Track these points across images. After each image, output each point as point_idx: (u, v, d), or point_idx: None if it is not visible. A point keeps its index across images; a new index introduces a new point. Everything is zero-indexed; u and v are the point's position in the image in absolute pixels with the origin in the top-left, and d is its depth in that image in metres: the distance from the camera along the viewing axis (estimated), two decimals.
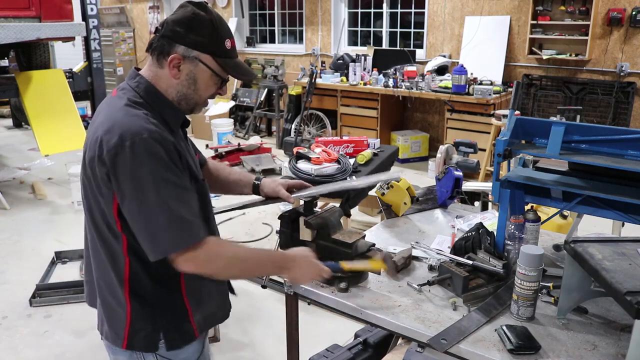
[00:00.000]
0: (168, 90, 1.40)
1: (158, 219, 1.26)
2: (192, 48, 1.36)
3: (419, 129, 7.09)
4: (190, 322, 1.45)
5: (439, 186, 2.38)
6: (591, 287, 1.46)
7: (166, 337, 1.42)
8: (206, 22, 1.36)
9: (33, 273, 3.84)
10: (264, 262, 1.48)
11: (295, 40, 8.46)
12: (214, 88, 1.44)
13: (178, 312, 1.44)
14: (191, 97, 1.42)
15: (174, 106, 1.42)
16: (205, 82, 1.41)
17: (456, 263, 1.68)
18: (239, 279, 1.39)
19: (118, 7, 10.49)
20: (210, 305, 1.53)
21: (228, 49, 1.40)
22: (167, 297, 1.42)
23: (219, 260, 1.37)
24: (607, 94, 5.62)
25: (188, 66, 1.37)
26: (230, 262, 1.39)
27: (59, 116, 5.54)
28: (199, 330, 1.48)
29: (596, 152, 1.62)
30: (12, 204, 5.29)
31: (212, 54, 1.38)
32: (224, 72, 1.42)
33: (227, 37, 1.40)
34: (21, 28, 5.05)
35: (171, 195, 1.27)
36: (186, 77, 1.39)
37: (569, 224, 2.96)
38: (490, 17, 6.27)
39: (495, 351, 1.37)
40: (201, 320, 1.49)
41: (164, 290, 1.41)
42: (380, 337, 2.46)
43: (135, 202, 1.27)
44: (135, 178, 1.26)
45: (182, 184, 1.31)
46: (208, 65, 1.38)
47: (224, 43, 1.39)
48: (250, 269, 1.48)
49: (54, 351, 3.02)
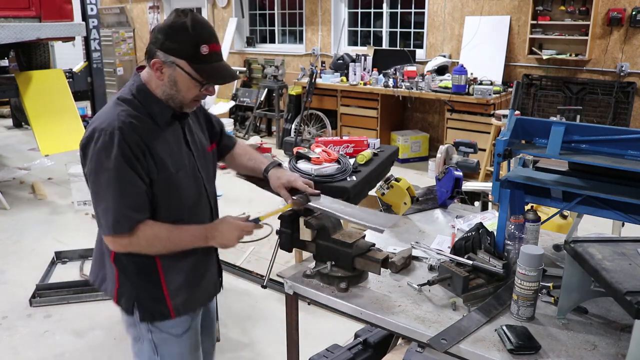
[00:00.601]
0: (157, 90, 1.55)
1: (101, 204, 1.50)
2: (169, 54, 1.49)
3: (419, 129, 7.09)
4: (167, 305, 1.64)
5: (439, 186, 2.37)
6: (591, 287, 1.46)
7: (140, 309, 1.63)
8: (183, 30, 1.47)
9: (33, 273, 3.84)
10: (187, 239, 1.59)
11: (295, 40, 8.46)
12: (195, 90, 1.54)
13: (155, 294, 1.63)
14: (176, 97, 1.55)
15: (162, 103, 1.56)
16: (185, 84, 1.52)
17: (456, 263, 1.68)
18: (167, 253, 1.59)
19: (118, 7, 10.49)
20: (193, 291, 1.69)
21: (204, 54, 1.49)
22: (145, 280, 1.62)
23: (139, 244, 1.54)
24: (607, 94, 5.62)
25: (168, 70, 1.51)
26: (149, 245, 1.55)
27: (59, 116, 5.54)
28: (176, 312, 1.66)
29: (596, 152, 1.62)
30: (12, 204, 5.29)
31: (187, 59, 1.49)
32: (200, 77, 1.51)
33: (204, 43, 1.48)
34: (21, 28, 5.05)
35: (116, 188, 1.47)
36: (168, 80, 1.52)
37: (569, 224, 2.96)
38: (490, 17, 6.27)
39: (495, 351, 1.37)
40: (180, 305, 1.66)
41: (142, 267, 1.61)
42: (380, 337, 2.46)
43: (91, 186, 1.52)
44: (93, 167, 1.49)
45: (129, 179, 1.48)
46: (184, 70, 1.50)
47: (200, 49, 1.48)
48: (172, 246, 1.58)
49: (54, 351, 3.02)
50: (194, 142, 1.69)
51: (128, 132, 1.47)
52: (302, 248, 1.79)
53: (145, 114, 1.53)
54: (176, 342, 1.70)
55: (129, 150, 1.47)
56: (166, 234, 1.56)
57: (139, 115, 1.52)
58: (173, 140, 1.60)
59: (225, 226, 1.62)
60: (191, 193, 1.65)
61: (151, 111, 1.55)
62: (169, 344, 1.69)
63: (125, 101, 1.54)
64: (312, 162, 3.23)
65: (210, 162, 1.80)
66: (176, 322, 1.68)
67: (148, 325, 1.66)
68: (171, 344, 1.69)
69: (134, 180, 1.49)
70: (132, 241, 1.52)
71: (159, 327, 1.67)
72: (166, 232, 1.56)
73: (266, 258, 4.02)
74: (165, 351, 1.69)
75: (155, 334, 1.67)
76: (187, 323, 1.71)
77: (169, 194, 1.58)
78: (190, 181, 1.64)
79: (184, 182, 1.62)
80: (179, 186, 1.60)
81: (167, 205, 1.58)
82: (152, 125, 1.54)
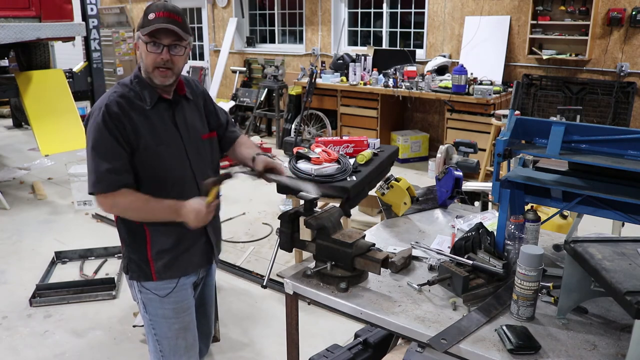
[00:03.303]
0: (142, 70, 1.77)
1: (89, 166, 1.71)
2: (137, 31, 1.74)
3: (419, 129, 7.09)
4: (150, 267, 1.82)
5: (439, 186, 2.38)
6: (591, 287, 1.46)
7: (130, 269, 1.86)
8: (146, 9, 1.72)
9: (33, 273, 3.84)
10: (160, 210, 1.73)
11: (295, 40, 8.46)
12: (152, 54, 1.70)
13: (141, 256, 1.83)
14: (146, 71, 1.74)
15: (148, 85, 1.76)
16: (143, 52, 1.71)
17: (456, 263, 1.68)
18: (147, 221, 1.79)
19: (118, 7, 10.49)
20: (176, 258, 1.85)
21: (150, 19, 1.68)
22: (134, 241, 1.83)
23: (118, 207, 1.75)
24: (607, 94, 5.62)
25: (138, 45, 1.74)
26: (128, 209, 1.75)
27: (59, 116, 5.54)
28: (158, 275, 1.83)
29: (596, 152, 1.62)
30: (12, 204, 5.29)
31: (140, 28, 1.71)
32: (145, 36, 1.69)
33: (154, 12, 1.68)
34: (21, 28, 5.05)
35: (99, 153, 1.69)
36: (139, 54, 1.75)
37: (569, 224, 2.96)
38: (490, 17, 6.27)
39: (495, 351, 1.37)
40: (161, 268, 1.83)
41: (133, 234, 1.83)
42: (380, 337, 2.46)
43: (85, 151, 1.74)
44: (87, 137, 1.73)
45: (111, 146, 1.68)
46: (140, 38, 1.71)
47: (147, 16, 1.68)
48: (148, 215, 1.75)
49: (54, 351, 3.02)
50: (184, 125, 1.83)
51: (112, 108, 1.70)
52: (302, 248, 1.79)
53: (136, 96, 1.75)
54: (159, 303, 1.86)
55: (111, 121, 1.68)
56: (143, 203, 1.73)
57: (128, 96, 1.74)
58: (157, 119, 1.77)
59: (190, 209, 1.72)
60: (174, 169, 1.79)
61: (141, 93, 1.76)
62: (154, 303, 1.86)
63: (121, 84, 1.79)
64: (312, 162, 3.24)
65: (205, 149, 1.91)
66: (159, 285, 1.85)
67: (138, 285, 1.86)
68: (156, 304, 1.86)
69: (114, 147, 1.69)
70: (114, 202, 1.72)
71: (145, 287, 1.85)
72: (143, 201, 1.73)
73: (266, 258, 4.02)
74: (152, 311, 1.87)
75: (144, 294, 1.86)
76: (171, 286, 1.86)
77: (149, 166, 1.74)
78: (173, 159, 1.79)
79: (165, 157, 1.77)
80: (159, 159, 1.76)
81: (149, 176, 1.75)
82: (138, 105, 1.74)
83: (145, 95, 1.76)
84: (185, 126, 1.84)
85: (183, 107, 1.86)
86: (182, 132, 1.82)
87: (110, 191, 1.70)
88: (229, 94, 8.60)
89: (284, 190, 3.24)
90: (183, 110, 1.85)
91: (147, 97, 1.76)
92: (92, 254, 4.15)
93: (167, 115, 1.80)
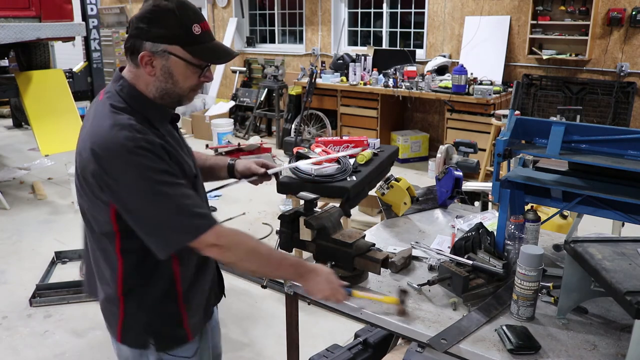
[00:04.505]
0: (148, 89, 1.36)
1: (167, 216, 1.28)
2: (158, 42, 1.30)
3: (419, 129, 7.09)
4: (185, 327, 1.47)
5: (439, 186, 2.37)
6: (591, 287, 1.46)
7: (156, 340, 1.44)
8: (168, 12, 1.30)
9: (33, 273, 3.84)
10: (284, 264, 1.45)
11: (295, 40, 8.46)
12: (194, 77, 1.37)
13: (172, 319, 1.45)
14: (172, 92, 1.37)
15: (157, 105, 1.38)
16: (182, 73, 1.34)
17: (456, 263, 1.68)
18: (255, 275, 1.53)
19: (118, 7, 10.49)
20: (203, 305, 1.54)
21: (197, 34, 1.32)
22: (161, 302, 1.42)
23: (240, 249, 1.37)
24: (607, 94, 5.62)
25: (160, 61, 1.32)
26: (251, 253, 1.39)
27: (59, 116, 5.54)
28: (193, 333, 1.49)
29: (596, 152, 1.62)
30: (12, 204, 5.29)
31: (180, 44, 1.31)
32: (198, 60, 1.34)
33: (195, 22, 1.32)
34: (21, 28, 5.05)
35: (174, 193, 1.28)
36: (161, 73, 1.34)
37: (569, 224, 2.96)
38: (490, 17, 6.27)
39: (495, 351, 1.37)
40: (196, 323, 1.50)
41: (159, 296, 1.42)
42: (380, 337, 2.46)
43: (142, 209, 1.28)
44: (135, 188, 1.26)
45: (179, 181, 1.31)
46: (179, 56, 1.32)
47: (191, 29, 1.31)
48: (270, 266, 1.43)
49: (54, 351, 3.02)
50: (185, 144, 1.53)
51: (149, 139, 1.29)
52: (302, 248, 1.79)
53: (143, 119, 1.33)
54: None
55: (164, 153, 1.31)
56: (265, 249, 1.42)
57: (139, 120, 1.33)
58: (175, 143, 1.42)
59: (325, 278, 1.47)
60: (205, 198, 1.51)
61: (147, 115, 1.35)
62: None
63: (120, 109, 1.32)
64: (312, 162, 3.23)
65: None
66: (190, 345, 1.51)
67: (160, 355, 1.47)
68: None
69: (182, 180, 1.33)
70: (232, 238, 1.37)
71: (173, 354, 1.47)
72: (259, 245, 1.41)
73: None
74: None
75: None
76: (197, 342, 1.54)
77: None
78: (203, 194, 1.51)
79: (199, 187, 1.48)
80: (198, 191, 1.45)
81: None
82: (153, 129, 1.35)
83: (153, 116, 1.37)
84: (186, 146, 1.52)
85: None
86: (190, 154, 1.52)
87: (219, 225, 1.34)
88: (229, 94, 8.60)
89: (284, 190, 3.24)
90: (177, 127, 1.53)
91: (158, 120, 1.38)
92: None
93: (177, 136, 1.46)
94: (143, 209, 1.28)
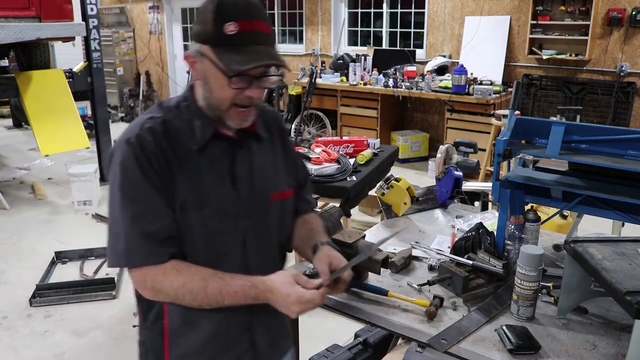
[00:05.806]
0: (198, 96, 1.22)
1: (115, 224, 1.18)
2: (195, 41, 1.17)
3: (419, 129, 7.09)
4: None
5: (439, 186, 2.37)
6: (591, 287, 1.46)
7: None
8: (207, 6, 1.14)
9: (33, 273, 3.84)
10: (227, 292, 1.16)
11: (295, 40, 8.46)
12: (228, 88, 1.15)
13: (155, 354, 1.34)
14: (211, 102, 1.19)
15: (203, 114, 1.21)
16: (216, 80, 1.15)
17: (456, 263, 1.68)
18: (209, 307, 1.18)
19: (118, 7, 10.48)
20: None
21: (229, 34, 1.11)
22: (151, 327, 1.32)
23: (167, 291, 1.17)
24: (607, 94, 5.62)
25: (199, 64, 1.17)
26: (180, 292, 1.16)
27: (59, 116, 5.54)
28: None
29: (596, 152, 1.62)
30: (12, 204, 5.29)
31: (210, 43, 1.14)
32: (224, 65, 1.12)
33: (232, 20, 1.11)
34: (21, 28, 5.05)
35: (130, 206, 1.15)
36: (202, 77, 1.18)
37: (569, 224, 2.96)
38: (490, 17, 6.27)
39: (495, 351, 1.36)
40: None
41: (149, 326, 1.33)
42: (380, 337, 2.46)
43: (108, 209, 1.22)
44: (111, 182, 1.19)
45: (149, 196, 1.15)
46: (209, 57, 1.14)
47: (223, 28, 1.11)
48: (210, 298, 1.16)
49: (54, 351, 3.02)
50: (247, 178, 1.26)
51: (145, 137, 1.15)
52: None
53: (182, 126, 1.20)
54: None
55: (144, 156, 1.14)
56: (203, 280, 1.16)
57: (171, 125, 1.19)
58: (207, 166, 1.21)
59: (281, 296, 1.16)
60: (219, 247, 1.23)
61: (192, 124, 1.20)
62: None
63: (163, 107, 1.23)
64: (312, 162, 3.24)
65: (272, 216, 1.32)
66: None
67: None
68: None
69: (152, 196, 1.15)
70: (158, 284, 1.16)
71: None
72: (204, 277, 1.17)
73: None
74: None
75: None
76: None
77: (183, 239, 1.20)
78: (222, 232, 1.23)
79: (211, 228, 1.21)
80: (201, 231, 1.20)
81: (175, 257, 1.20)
82: (183, 141, 1.19)
83: (196, 126, 1.20)
84: (249, 180, 1.26)
85: (251, 150, 1.28)
86: (242, 189, 1.24)
87: (151, 263, 1.15)
88: None
89: None
90: (250, 155, 1.27)
91: (198, 131, 1.20)
92: (92, 254, 4.15)
93: (224, 161, 1.23)
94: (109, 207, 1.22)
